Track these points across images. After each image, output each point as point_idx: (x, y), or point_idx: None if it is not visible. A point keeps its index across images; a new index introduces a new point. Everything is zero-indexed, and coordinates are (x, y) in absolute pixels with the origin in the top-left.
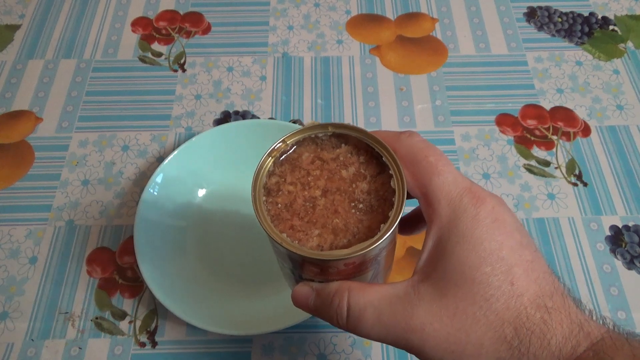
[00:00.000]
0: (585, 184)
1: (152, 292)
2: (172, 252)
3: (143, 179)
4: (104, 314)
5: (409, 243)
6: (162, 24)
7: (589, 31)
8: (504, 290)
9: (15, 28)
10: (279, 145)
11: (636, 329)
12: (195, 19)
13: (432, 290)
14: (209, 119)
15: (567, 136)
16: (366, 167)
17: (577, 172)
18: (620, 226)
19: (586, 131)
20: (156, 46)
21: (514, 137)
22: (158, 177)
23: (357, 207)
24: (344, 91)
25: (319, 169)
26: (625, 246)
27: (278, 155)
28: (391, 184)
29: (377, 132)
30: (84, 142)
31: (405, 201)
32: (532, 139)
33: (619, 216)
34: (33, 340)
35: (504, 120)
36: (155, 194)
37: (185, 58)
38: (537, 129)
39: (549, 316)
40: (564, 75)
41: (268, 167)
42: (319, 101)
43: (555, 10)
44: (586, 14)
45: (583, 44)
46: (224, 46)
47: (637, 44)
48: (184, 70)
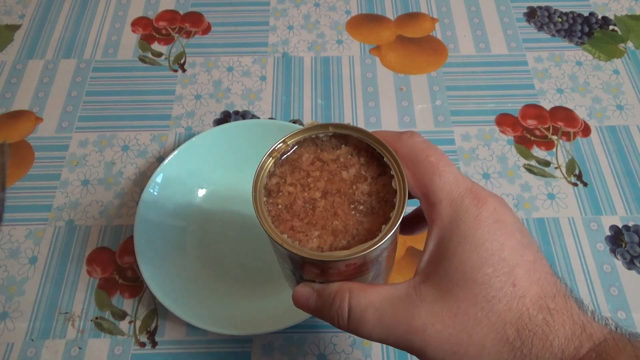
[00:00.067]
0: (585, 184)
1: (152, 292)
2: (172, 252)
3: (143, 179)
4: (104, 314)
5: (408, 243)
6: (162, 24)
7: (589, 31)
8: (505, 291)
9: (15, 28)
10: (280, 145)
11: (636, 329)
12: (195, 19)
13: (434, 291)
14: (209, 119)
15: (567, 136)
16: (367, 168)
17: (577, 172)
18: (620, 226)
19: (586, 131)
20: (156, 46)
21: (514, 137)
22: (158, 177)
23: (357, 209)
24: (344, 91)
25: (318, 170)
26: (625, 246)
27: (279, 156)
28: (392, 184)
29: (378, 132)
30: (84, 142)
31: (406, 202)
32: (532, 139)
33: (619, 216)
34: (33, 340)
35: (504, 120)
36: (155, 194)
37: (185, 58)
38: (537, 129)
39: (551, 317)
40: (564, 75)
41: (269, 167)
42: (319, 101)
43: (555, 10)
44: (586, 14)
45: (583, 44)
46: (224, 46)
47: (637, 44)
48: (184, 70)
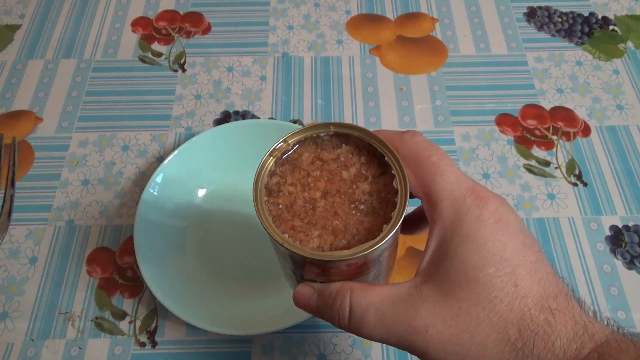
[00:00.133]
0: (585, 184)
1: (152, 292)
2: (172, 252)
3: (143, 179)
4: (104, 314)
5: (408, 243)
6: (162, 24)
7: (589, 31)
8: (507, 292)
9: (15, 28)
10: (281, 144)
11: (636, 328)
12: (195, 19)
13: (435, 291)
14: (209, 119)
15: (567, 136)
16: (367, 167)
17: (577, 172)
18: (620, 226)
19: (586, 131)
20: (156, 46)
21: (514, 137)
22: (158, 177)
23: (357, 208)
24: (344, 91)
25: (318, 170)
26: (625, 246)
27: (279, 155)
28: (394, 184)
29: (380, 131)
30: (84, 142)
31: (408, 202)
32: (532, 139)
33: (619, 216)
34: (33, 340)
35: (504, 120)
36: (155, 194)
37: (185, 58)
38: (537, 129)
39: (553, 318)
40: (564, 75)
41: (269, 167)
42: (319, 101)
43: (555, 10)
44: (586, 14)
45: (583, 44)
46: (224, 46)
47: (637, 44)
48: (184, 70)
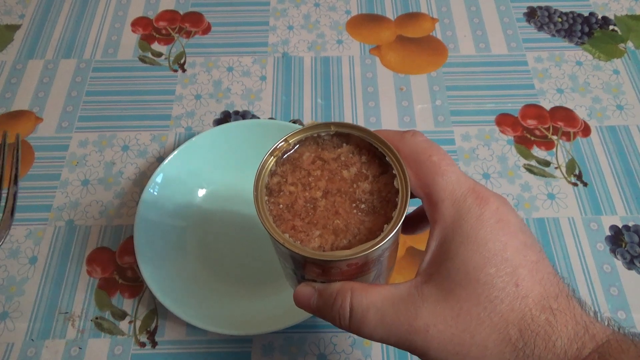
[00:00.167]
0: (585, 184)
1: (152, 292)
2: (172, 252)
3: (143, 179)
4: (104, 314)
5: (408, 243)
6: (162, 24)
7: (589, 31)
8: (508, 292)
9: (15, 28)
10: (281, 144)
11: (636, 329)
12: (195, 19)
13: (436, 291)
14: (209, 119)
15: (567, 136)
16: (368, 167)
17: (577, 172)
18: (620, 226)
19: (586, 131)
20: (156, 46)
21: (514, 137)
22: (158, 177)
23: (358, 208)
24: (344, 91)
25: (319, 169)
26: (625, 246)
27: (280, 155)
28: (394, 184)
29: (380, 131)
30: (84, 142)
31: (409, 201)
32: (532, 139)
33: (619, 216)
34: (33, 340)
35: (504, 120)
36: (155, 194)
37: (185, 58)
38: (537, 129)
39: (554, 318)
40: (564, 75)
41: (270, 166)
42: (319, 101)
43: (555, 10)
44: (586, 14)
45: (583, 44)
46: (224, 46)
47: (637, 44)
48: (184, 70)
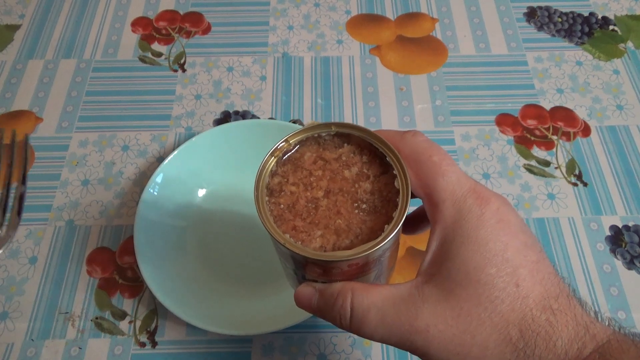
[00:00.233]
0: (585, 184)
1: (152, 292)
2: (172, 252)
3: (143, 179)
4: (104, 314)
5: (408, 243)
6: (162, 24)
7: (589, 31)
8: (509, 292)
9: (15, 28)
10: (282, 144)
11: (636, 329)
12: (195, 19)
13: (437, 291)
14: (209, 119)
15: (567, 136)
16: (369, 166)
17: (577, 172)
18: (620, 226)
19: (586, 131)
20: (156, 46)
21: (514, 137)
22: (158, 177)
23: (360, 208)
24: (344, 91)
25: (321, 169)
26: (625, 246)
27: (281, 155)
28: (395, 184)
29: (381, 131)
30: (84, 142)
31: (409, 202)
32: (532, 139)
33: (619, 216)
34: (33, 340)
35: (504, 120)
36: (155, 194)
37: (185, 58)
38: (537, 129)
39: (554, 318)
40: (564, 75)
41: (271, 166)
42: (319, 101)
43: (555, 10)
44: (586, 14)
45: (583, 44)
46: (224, 46)
47: (637, 44)
48: (184, 70)
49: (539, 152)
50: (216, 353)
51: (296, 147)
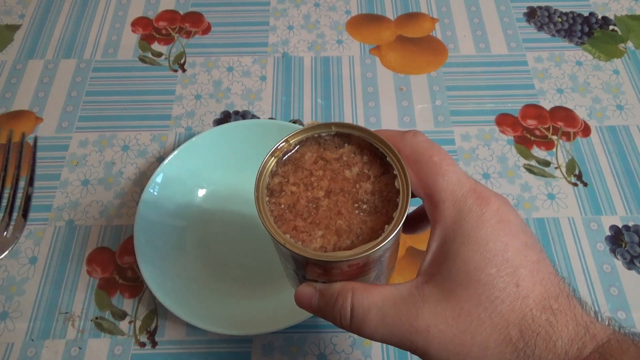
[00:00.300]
0: (585, 184)
1: (152, 292)
2: (172, 252)
3: (143, 179)
4: (104, 314)
5: (409, 243)
6: (162, 24)
7: (589, 31)
8: (509, 292)
9: (15, 28)
10: (282, 144)
11: (636, 328)
12: (195, 19)
13: (437, 291)
14: (209, 119)
15: (567, 136)
16: (370, 167)
17: (577, 172)
18: (620, 226)
19: (586, 131)
20: (156, 46)
21: (514, 137)
22: (158, 177)
23: (360, 208)
24: (344, 91)
25: (321, 169)
26: (625, 246)
27: (281, 155)
28: (395, 184)
29: (381, 131)
30: (84, 142)
31: (409, 202)
32: (532, 139)
33: (619, 216)
34: (33, 340)
35: (504, 120)
36: (155, 194)
37: (185, 58)
38: (537, 129)
39: (554, 318)
40: (564, 75)
41: (271, 167)
42: (319, 101)
43: (555, 10)
44: (586, 14)
45: (583, 44)
46: (224, 46)
47: (637, 44)
48: (184, 70)
49: (539, 152)
50: (216, 353)
51: (296, 147)
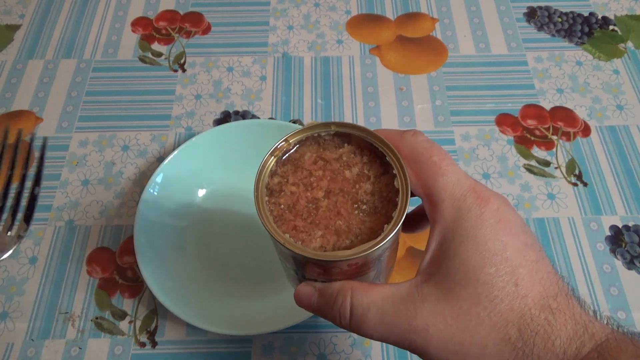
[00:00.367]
0: (585, 184)
1: (152, 292)
2: (172, 252)
3: (143, 179)
4: (104, 314)
5: (408, 243)
6: (162, 24)
7: (589, 31)
8: (508, 291)
9: (15, 28)
10: (282, 144)
11: (636, 328)
12: (195, 19)
13: (436, 290)
14: (209, 119)
15: (567, 136)
16: (369, 167)
17: (577, 172)
18: (620, 226)
19: (586, 131)
20: (156, 46)
21: (514, 137)
22: (158, 177)
23: (360, 208)
24: (344, 91)
25: (321, 170)
26: (625, 246)
27: (280, 155)
28: (395, 183)
29: (381, 130)
30: (84, 142)
31: (409, 202)
32: (532, 139)
33: (619, 216)
34: (33, 340)
35: (504, 120)
36: (155, 194)
37: (185, 58)
38: (537, 129)
39: (553, 317)
40: (564, 75)
41: (270, 166)
42: (319, 101)
43: (555, 10)
44: (586, 14)
45: (583, 44)
46: (224, 46)
47: (637, 44)
48: (184, 70)
49: (539, 152)
50: (216, 353)
51: (295, 147)
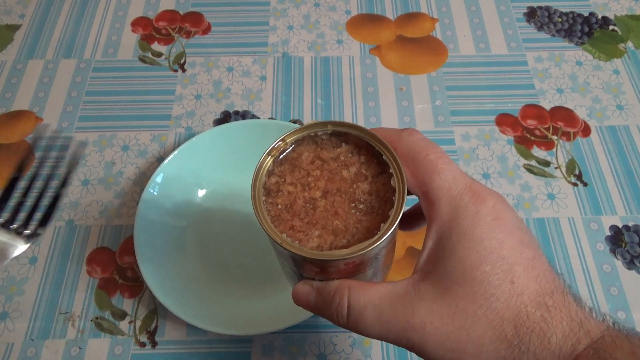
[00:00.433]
0: (585, 184)
1: (152, 292)
2: (172, 252)
3: (143, 179)
4: (104, 314)
5: (408, 243)
6: (162, 24)
7: (589, 31)
8: (504, 289)
9: (15, 28)
10: (279, 143)
11: (636, 328)
12: (195, 19)
13: (433, 288)
14: (209, 119)
15: (567, 136)
16: (367, 166)
17: (577, 172)
18: (620, 226)
19: (586, 131)
20: (156, 46)
21: (514, 137)
22: (158, 177)
23: (357, 208)
24: (344, 91)
25: (319, 169)
26: (625, 246)
27: (277, 155)
28: (391, 182)
29: (378, 129)
30: (84, 142)
31: (405, 200)
32: (532, 139)
33: (619, 216)
34: (33, 340)
35: (504, 120)
36: (155, 193)
37: (185, 58)
38: (537, 129)
39: (549, 314)
40: (564, 75)
41: (267, 166)
42: (319, 101)
43: (555, 10)
44: (586, 14)
45: (583, 44)
46: (224, 46)
47: (637, 44)
48: (184, 70)
49: (539, 152)
50: (216, 353)
51: (292, 147)
